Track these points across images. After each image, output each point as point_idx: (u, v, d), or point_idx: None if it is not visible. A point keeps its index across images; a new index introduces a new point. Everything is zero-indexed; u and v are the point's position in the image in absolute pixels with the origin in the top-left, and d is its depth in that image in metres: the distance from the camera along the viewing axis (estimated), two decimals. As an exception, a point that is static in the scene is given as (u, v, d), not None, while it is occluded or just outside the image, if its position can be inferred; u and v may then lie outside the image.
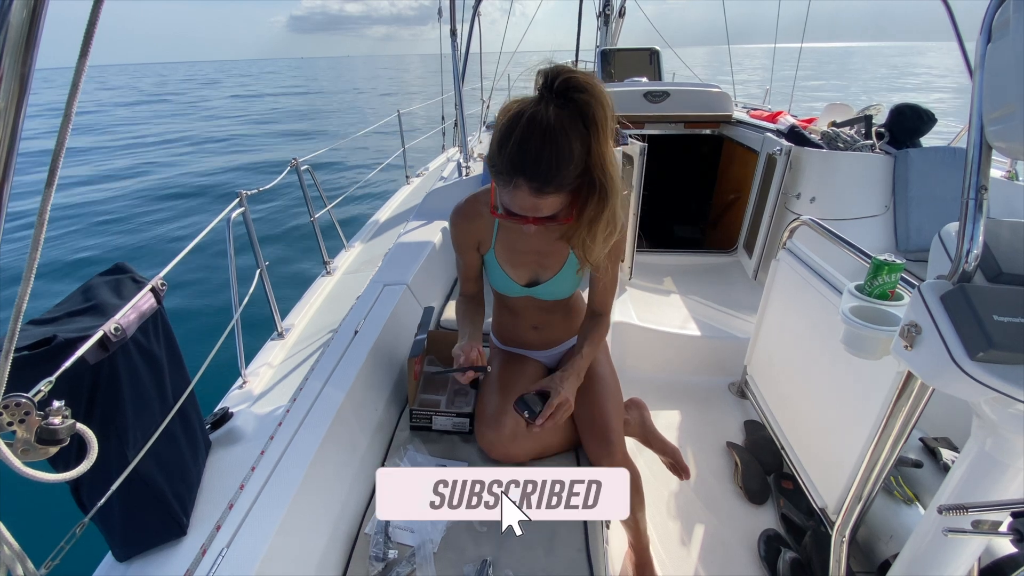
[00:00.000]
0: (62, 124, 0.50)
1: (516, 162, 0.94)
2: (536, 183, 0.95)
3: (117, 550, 1.02)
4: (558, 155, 0.93)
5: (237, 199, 1.82)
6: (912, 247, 2.64)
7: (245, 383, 1.75)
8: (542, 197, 0.97)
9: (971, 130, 0.79)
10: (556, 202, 1.00)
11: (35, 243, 0.52)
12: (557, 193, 0.98)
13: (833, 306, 1.54)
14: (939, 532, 0.92)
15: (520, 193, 0.97)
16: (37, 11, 0.48)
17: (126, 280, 1.06)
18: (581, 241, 1.10)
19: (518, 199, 0.99)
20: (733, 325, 2.56)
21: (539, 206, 0.99)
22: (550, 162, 0.93)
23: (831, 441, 1.53)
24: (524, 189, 0.96)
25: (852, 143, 2.84)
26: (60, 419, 0.57)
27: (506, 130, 0.96)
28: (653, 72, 6.38)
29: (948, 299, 0.78)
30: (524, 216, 1.03)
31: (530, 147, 0.93)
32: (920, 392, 0.98)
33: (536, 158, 0.93)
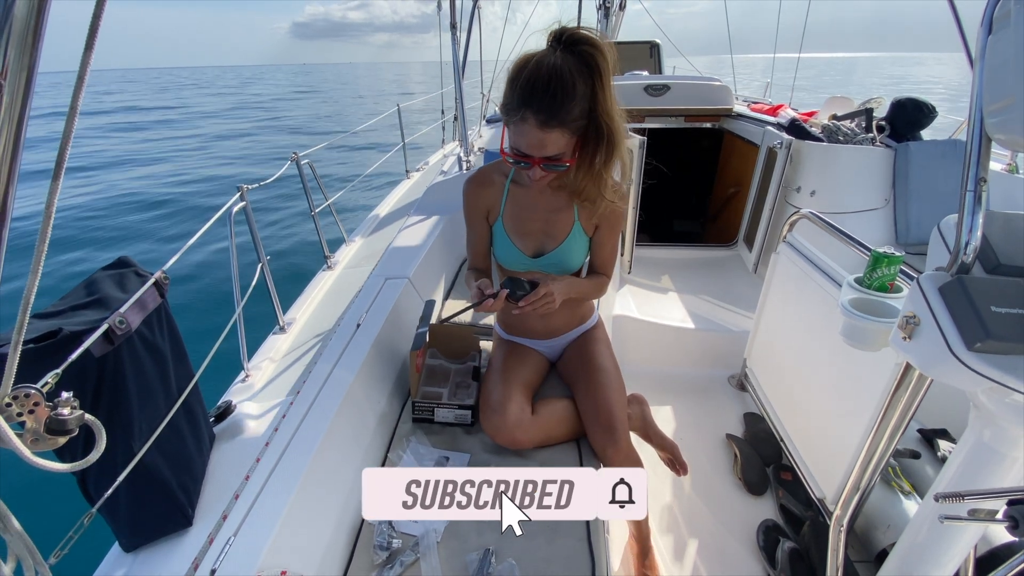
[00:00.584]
0: (68, 117, 0.50)
1: (525, 96, 1.03)
2: (542, 116, 1.02)
3: (124, 540, 1.03)
4: (563, 90, 1.01)
5: (238, 193, 1.82)
6: (912, 240, 2.65)
7: (248, 376, 1.76)
8: (547, 131, 1.04)
9: (971, 122, 0.80)
10: (560, 140, 1.06)
11: (42, 236, 0.52)
12: (561, 129, 1.05)
13: (833, 299, 1.54)
14: (936, 521, 0.93)
15: (527, 127, 1.05)
16: (42, 6, 0.48)
17: (129, 274, 1.06)
18: (590, 188, 1.19)
19: (525, 134, 1.06)
20: (733, 319, 2.57)
21: (544, 142, 1.06)
22: (555, 95, 1.01)
23: (830, 432, 1.54)
24: (531, 122, 1.04)
25: (853, 136, 2.84)
26: (69, 410, 0.57)
27: (516, 72, 1.05)
28: (653, 65, 6.35)
29: (946, 290, 0.79)
30: (531, 157, 1.08)
31: (538, 83, 1.01)
32: (918, 383, 0.99)
33: (543, 92, 1.01)
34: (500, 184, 1.33)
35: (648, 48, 6.44)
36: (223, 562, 0.90)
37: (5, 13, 0.47)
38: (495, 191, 1.33)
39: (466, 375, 1.56)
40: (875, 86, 35.11)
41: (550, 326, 1.48)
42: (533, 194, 1.31)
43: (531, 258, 1.33)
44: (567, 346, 1.52)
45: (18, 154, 0.51)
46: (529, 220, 1.32)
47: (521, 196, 1.32)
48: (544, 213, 1.31)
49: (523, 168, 1.13)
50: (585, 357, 1.44)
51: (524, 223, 1.32)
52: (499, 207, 1.33)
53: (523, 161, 1.10)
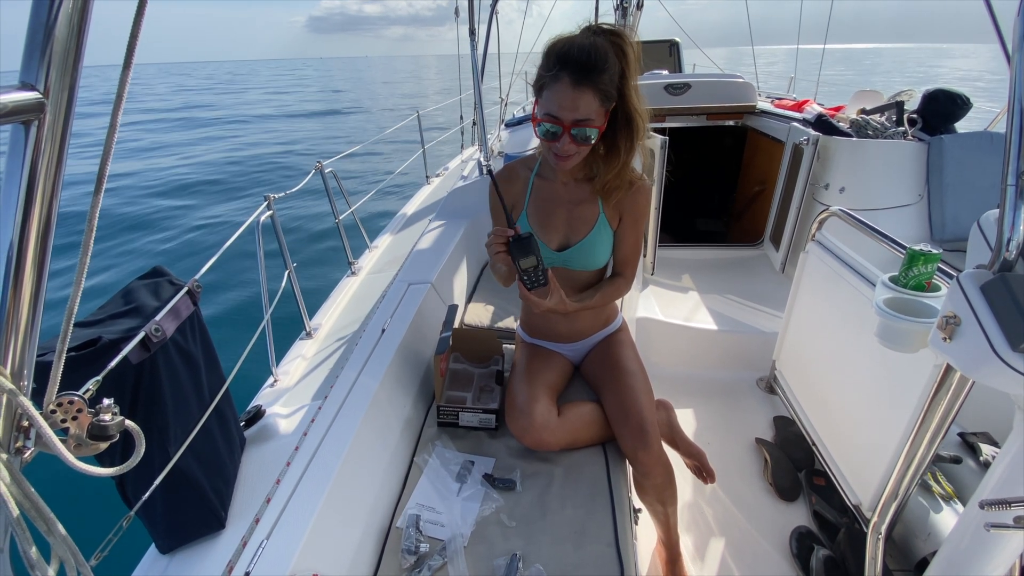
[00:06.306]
0: (108, 133, 0.52)
1: (561, 57, 1.08)
2: (577, 75, 1.07)
3: (160, 542, 1.06)
4: (597, 55, 1.07)
5: (265, 203, 1.86)
6: (948, 236, 2.56)
7: (276, 381, 1.79)
8: (581, 90, 1.07)
9: (1010, 113, 0.77)
10: (592, 104, 1.09)
11: (85, 247, 0.54)
12: (594, 90, 1.08)
13: (865, 298, 1.50)
14: (979, 528, 0.89)
15: (560, 86, 1.08)
16: (83, 25, 0.50)
17: (164, 283, 1.09)
18: (613, 178, 1.23)
19: (558, 93, 1.09)
20: (760, 319, 2.52)
21: (577, 101, 1.08)
22: (590, 57, 1.06)
23: (865, 437, 1.49)
24: (565, 80, 1.07)
25: (883, 131, 2.76)
26: (110, 416, 0.59)
27: (551, 45, 1.11)
28: (673, 64, 6.28)
29: (989, 289, 0.76)
30: (561, 121, 1.11)
31: (573, 47, 1.08)
32: (959, 385, 0.95)
33: (578, 53, 1.07)
34: (525, 178, 1.35)
35: (667, 47, 6.37)
36: (256, 564, 0.92)
37: (47, 34, 0.49)
38: (520, 185, 1.35)
39: (489, 379, 1.56)
40: (906, 81, 34.17)
41: (574, 329, 1.47)
42: (557, 187, 1.31)
43: (556, 251, 1.33)
44: (591, 349, 1.51)
45: (61, 168, 0.53)
46: (553, 213, 1.32)
47: (545, 189, 1.33)
48: (568, 205, 1.31)
49: (552, 140, 1.14)
50: (611, 360, 1.42)
51: (548, 216, 1.32)
52: (523, 201, 1.34)
53: (553, 126, 1.12)
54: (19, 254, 0.52)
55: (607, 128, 1.18)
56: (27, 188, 0.51)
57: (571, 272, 1.36)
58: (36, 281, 0.54)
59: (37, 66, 0.49)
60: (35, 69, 0.49)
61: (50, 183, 0.52)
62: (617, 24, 1.11)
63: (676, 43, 6.37)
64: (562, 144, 1.14)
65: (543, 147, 1.23)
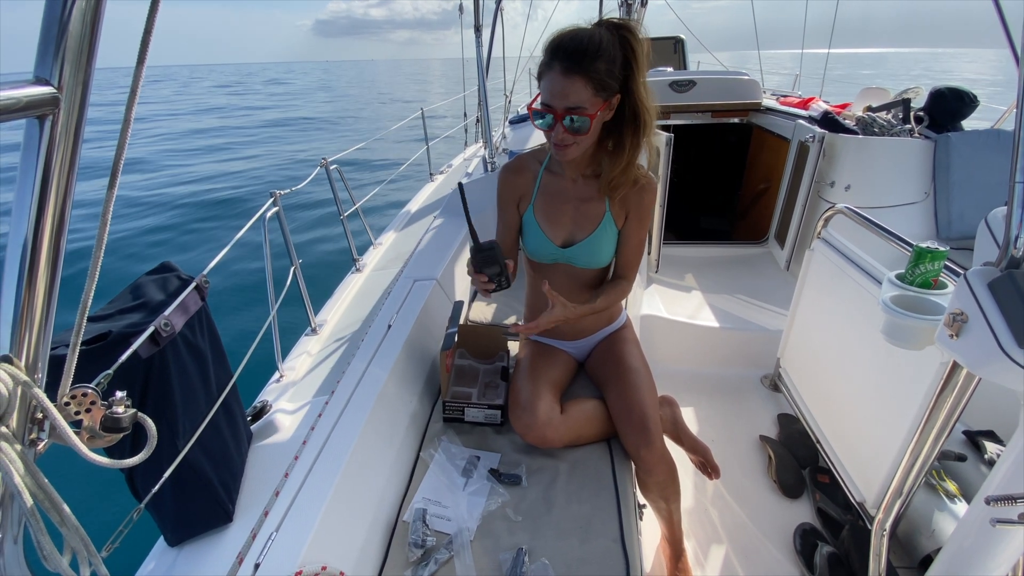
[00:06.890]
0: (122, 129, 0.53)
1: (554, 48, 1.10)
2: (567, 62, 1.08)
3: (169, 535, 1.07)
4: (590, 43, 1.07)
5: (271, 199, 1.86)
6: (954, 234, 2.55)
7: (282, 377, 1.80)
8: (570, 78, 1.08)
9: (1019, 110, 0.77)
10: (582, 91, 1.09)
11: (99, 242, 0.55)
12: (585, 78, 1.08)
13: (871, 296, 1.50)
14: (985, 525, 0.89)
15: (552, 75, 1.10)
16: (96, 20, 0.51)
17: (172, 278, 1.10)
18: (619, 175, 1.24)
19: (550, 82, 1.10)
20: (764, 317, 2.52)
21: (567, 89, 1.09)
22: (581, 44, 1.07)
23: (870, 434, 1.49)
24: (556, 69, 1.09)
25: (889, 128, 2.75)
26: (123, 408, 0.60)
27: (552, 36, 1.12)
28: (678, 61, 6.26)
29: (996, 286, 0.76)
30: (554, 110, 1.11)
31: (566, 38, 1.10)
32: (965, 383, 0.95)
33: (570, 43, 1.08)
34: (534, 172, 1.35)
35: (672, 44, 6.35)
36: (266, 557, 0.92)
37: (61, 29, 0.50)
38: (529, 178, 1.35)
39: (495, 375, 1.57)
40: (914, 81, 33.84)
41: (578, 327, 1.47)
42: (566, 183, 1.31)
43: (560, 248, 1.33)
44: (595, 347, 1.51)
45: (75, 163, 0.53)
46: (560, 209, 1.32)
47: (553, 184, 1.33)
48: (576, 202, 1.31)
49: (547, 128, 1.16)
50: (615, 358, 1.43)
51: (555, 211, 1.33)
52: (531, 195, 1.35)
53: (546, 114, 1.13)
54: (34, 249, 0.52)
55: (614, 123, 1.18)
56: (42, 183, 0.51)
57: (574, 270, 1.36)
58: (50, 275, 0.54)
59: (51, 61, 0.50)
60: (49, 64, 0.50)
61: (64, 178, 0.53)
62: (630, 21, 1.10)
63: (681, 40, 6.34)
64: (556, 133, 1.14)
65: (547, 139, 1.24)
